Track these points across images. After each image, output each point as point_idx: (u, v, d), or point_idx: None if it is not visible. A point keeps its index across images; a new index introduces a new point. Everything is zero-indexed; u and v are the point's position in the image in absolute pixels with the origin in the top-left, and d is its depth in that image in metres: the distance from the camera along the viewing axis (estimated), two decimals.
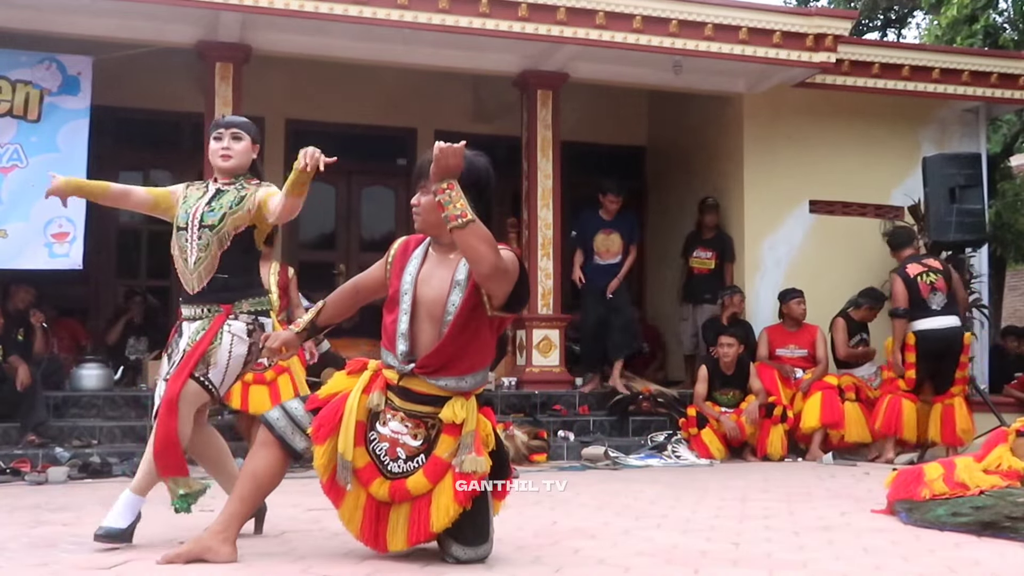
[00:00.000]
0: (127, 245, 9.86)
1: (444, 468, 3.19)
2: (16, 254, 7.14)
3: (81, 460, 6.22)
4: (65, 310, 8.72)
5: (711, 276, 8.95)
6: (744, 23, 7.96)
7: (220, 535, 3.24)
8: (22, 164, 7.22)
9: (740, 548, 3.66)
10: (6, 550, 3.51)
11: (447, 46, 7.91)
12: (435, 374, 3.24)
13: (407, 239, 3.52)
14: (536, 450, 6.95)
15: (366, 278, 3.58)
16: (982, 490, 4.28)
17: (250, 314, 3.67)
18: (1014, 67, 9.20)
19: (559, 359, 8.29)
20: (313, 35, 7.66)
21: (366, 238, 10.15)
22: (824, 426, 7.64)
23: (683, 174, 9.92)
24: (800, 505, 4.98)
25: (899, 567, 3.33)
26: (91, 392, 7.28)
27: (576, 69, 8.37)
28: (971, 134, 9.70)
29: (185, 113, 8.96)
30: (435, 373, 3.24)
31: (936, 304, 7.47)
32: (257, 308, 3.70)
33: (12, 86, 7.26)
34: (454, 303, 3.26)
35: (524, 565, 3.28)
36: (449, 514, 3.15)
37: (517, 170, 8.63)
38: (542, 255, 8.28)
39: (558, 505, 4.86)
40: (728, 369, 7.71)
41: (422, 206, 3.34)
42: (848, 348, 8.11)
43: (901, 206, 9.23)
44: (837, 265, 8.84)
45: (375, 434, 3.26)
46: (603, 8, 7.61)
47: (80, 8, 7.21)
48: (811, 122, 9.09)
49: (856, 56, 8.71)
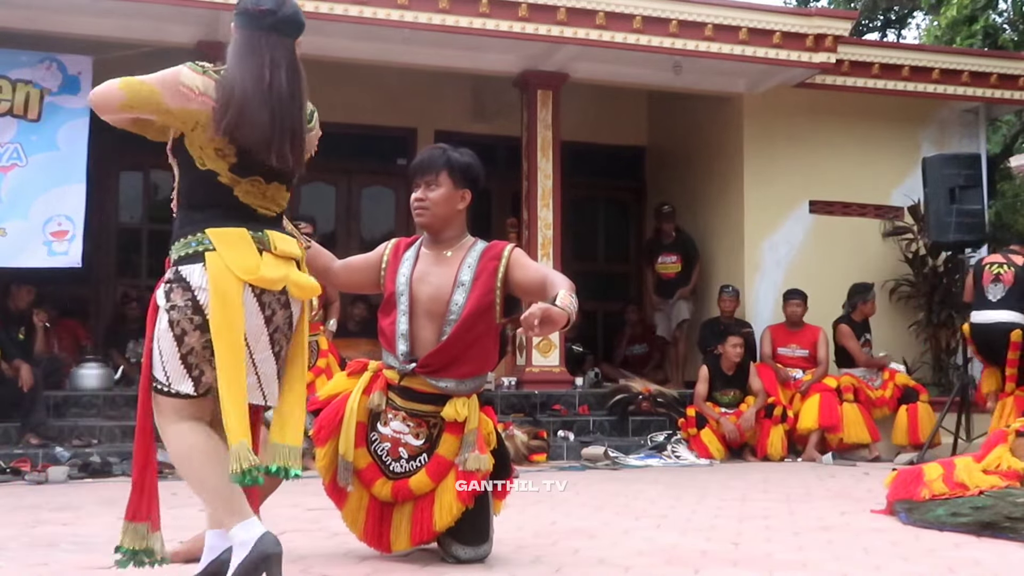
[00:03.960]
0: (127, 245, 9.86)
1: (447, 467, 3.20)
2: (15, 253, 7.13)
3: (81, 460, 6.23)
4: (65, 310, 8.72)
5: (679, 278, 9.15)
6: (744, 23, 7.96)
7: None
8: (22, 163, 7.22)
9: (740, 548, 3.66)
10: (6, 550, 3.51)
11: (447, 46, 7.91)
12: (436, 374, 3.24)
13: (397, 242, 3.50)
14: (536, 450, 6.96)
15: (358, 261, 3.53)
16: (982, 490, 4.28)
17: (173, 265, 2.64)
18: (1014, 67, 9.21)
19: (559, 359, 8.29)
20: (313, 35, 7.58)
21: (366, 238, 10.14)
22: (822, 428, 7.64)
23: (683, 174, 9.92)
24: (800, 505, 4.98)
25: (899, 567, 3.33)
26: (91, 392, 7.28)
27: (576, 69, 8.37)
28: (971, 134, 9.70)
29: None
30: (436, 373, 3.24)
31: (993, 295, 7.15)
32: (182, 252, 2.63)
33: (12, 86, 7.26)
34: (457, 303, 3.26)
35: (524, 565, 3.28)
36: (452, 513, 3.15)
37: (517, 170, 8.64)
38: (542, 255, 8.27)
39: (558, 505, 4.86)
40: (729, 369, 7.72)
41: (431, 200, 3.33)
42: (866, 356, 8.11)
43: (901, 206, 9.24)
44: (837, 265, 8.84)
45: (376, 435, 3.26)
46: (603, 8, 7.61)
47: (80, 8, 7.21)
48: (811, 122, 9.09)
49: (856, 56, 8.71)
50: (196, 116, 2.61)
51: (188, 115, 2.61)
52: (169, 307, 2.57)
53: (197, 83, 2.61)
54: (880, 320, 8.60)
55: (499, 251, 3.35)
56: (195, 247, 2.60)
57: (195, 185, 2.69)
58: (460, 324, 3.24)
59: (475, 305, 3.25)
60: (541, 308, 2.83)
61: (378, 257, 3.47)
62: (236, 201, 2.68)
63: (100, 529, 4.01)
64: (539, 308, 2.83)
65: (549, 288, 3.13)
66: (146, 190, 10.00)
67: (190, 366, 2.59)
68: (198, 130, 2.63)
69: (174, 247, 2.64)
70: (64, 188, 7.24)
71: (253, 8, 2.69)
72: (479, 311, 3.26)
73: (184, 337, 2.57)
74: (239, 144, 2.62)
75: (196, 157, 2.66)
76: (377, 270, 3.45)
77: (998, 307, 7.14)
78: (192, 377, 2.59)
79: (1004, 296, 7.11)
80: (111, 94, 2.63)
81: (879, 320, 8.56)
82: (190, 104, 2.60)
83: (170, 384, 2.60)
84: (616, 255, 10.90)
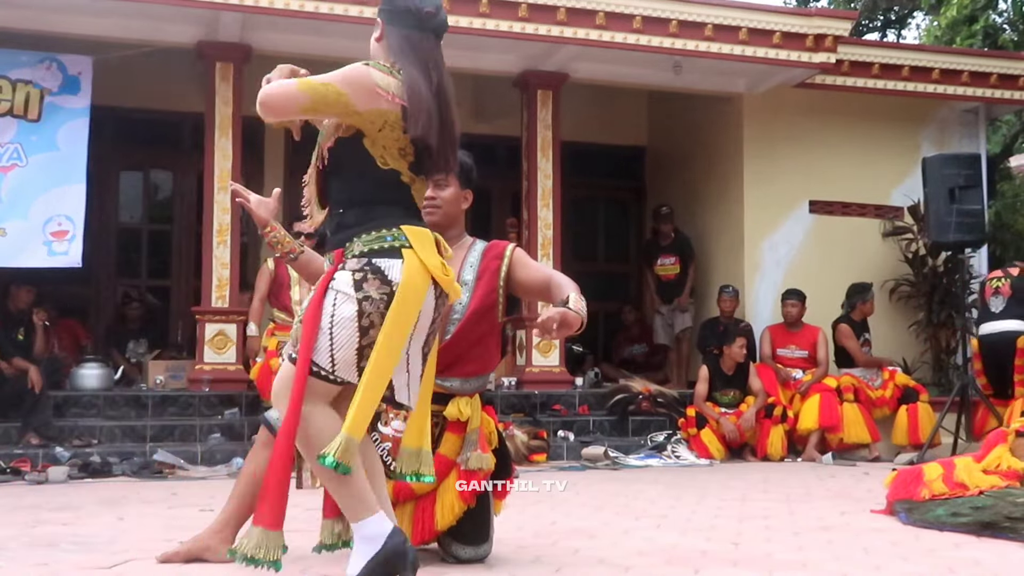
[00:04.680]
0: (127, 245, 9.86)
1: (448, 466, 3.20)
2: (15, 252, 7.14)
3: (81, 460, 6.23)
4: (65, 310, 8.72)
5: (678, 280, 9.16)
6: (744, 23, 7.97)
7: (219, 535, 3.24)
8: (22, 163, 7.23)
9: (740, 548, 3.66)
10: (6, 550, 3.51)
11: (447, 46, 7.77)
12: (440, 373, 3.24)
13: None
14: (536, 450, 6.96)
15: None
16: (982, 490, 4.27)
17: (361, 256, 2.61)
18: (1014, 67, 9.21)
19: (559, 359, 8.29)
20: (313, 35, 7.66)
21: None
22: (822, 428, 7.65)
23: (683, 174, 9.92)
24: (800, 505, 4.98)
25: (899, 567, 3.33)
26: (91, 392, 7.28)
27: (576, 69, 8.37)
28: (971, 134, 9.71)
29: (185, 113, 8.96)
30: (441, 372, 3.24)
31: (995, 307, 7.45)
32: (375, 245, 2.61)
33: (12, 86, 7.27)
34: (461, 302, 3.27)
35: (524, 565, 3.28)
36: (455, 511, 3.16)
37: (517, 170, 8.64)
38: (542, 255, 8.27)
39: (558, 505, 4.86)
40: (729, 369, 7.72)
41: (442, 199, 3.34)
42: (865, 355, 8.12)
43: (901, 206, 9.24)
44: (837, 265, 8.84)
45: (376, 435, 3.25)
46: (603, 8, 7.61)
47: (80, 8, 7.21)
48: (811, 122, 9.09)
49: (856, 56, 8.72)
50: (385, 116, 2.60)
51: (378, 115, 2.60)
52: (362, 297, 2.53)
53: (390, 85, 2.60)
54: (880, 320, 8.60)
55: (501, 250, 3.37)
56: (391, 242, 2.59)
57: (376, 183, 2.66)
58: (464, 323, 3.25)
59: (479, 304, 3.27)
60: (559, 312, 2.83)
61: None
62: (411, 200, 2.71)
63: (100, 529, 4.02)
64: (557, 313, 2.83)
65: (555, 289, 3.12)
66: (146, 190, 10.00)
67: (362, 357, 2.55)
68: (385, 130, 2.62)
69: (361, 239, 2.60)
70: (64, 188, 7.25)
71: (418, 9, 2.71)
72: (483, 310, 3.28)
73: (370, 330, 2.53)
74: (422, 145, 2.64)
75: (378, 156, 2.64)
76: None
77: (1000, 317, 7.41)
78: (359, 368, 2.55)
79: (1005, 307, 7.41)
80: (291, 96, 2.58)
81: (879, 320, 8.56)
82: (381, 104, 2.59)
83: (335, 372, 2.56)
84: (616, 255, 10.90)
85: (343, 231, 2.65)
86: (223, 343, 7.46)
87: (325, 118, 2.67)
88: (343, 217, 2.67)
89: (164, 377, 7.69)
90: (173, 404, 7.26)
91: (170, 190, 9.96)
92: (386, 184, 2.65)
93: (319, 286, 2.62)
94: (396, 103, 2.59)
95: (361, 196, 2.66)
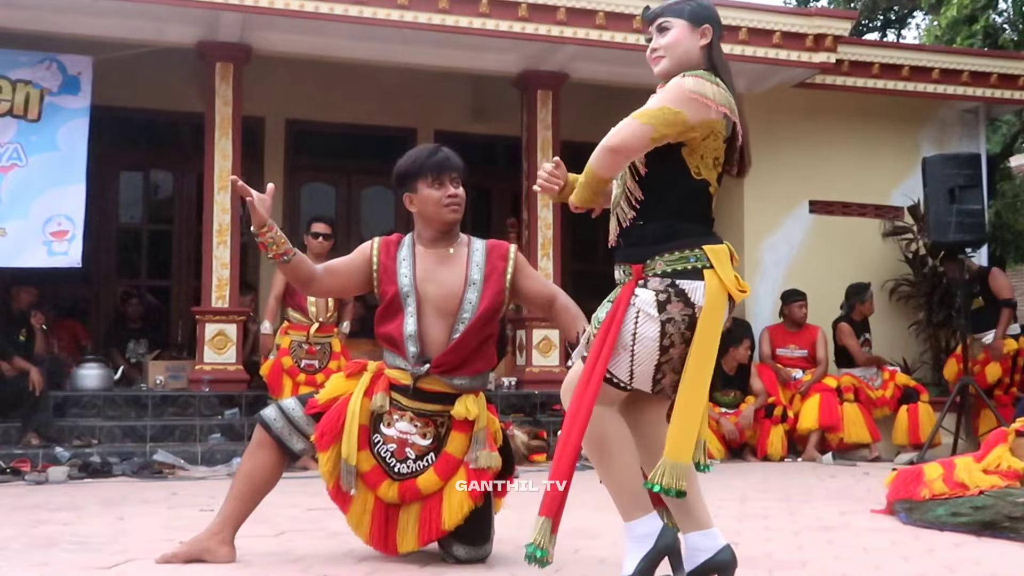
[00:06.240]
0: (127, 245, 9.86)
1: (456, 465, 3.21)
2: (15, 253, 7.14)
3: (81, 460, 6.23)
4: (65, 310, 8.73)
5: None
6: (744, 23, 7.96)
7: (217, 535, 3.23)
8: (22, 163, 7.22)
9: (740, 548, 3.64)
10: (6, 550, 3.50)
11: (447, 46, 7.91)
12: (451, 372, 3.25)
13: (383, 241, 3.48)
14: (536, 450, 6.96)
15: (341, 264, 3.46)
16: (982, 490, 4.28)
17: (664, 276, 2.67)
18: (1014, 67, 9.20)
19: (559, 359, 8.28)
20: (313, 35, 7.66)
21: (366, 237, 10.06)
22: (822, 428, 7.65)
23: None
24: (800, 505, 4.98)
25: (899, 567, 3.33)
26: (91, 392, 7.27)
27: (576, 69, 8.36)
28: (971, 134, 9.70)
29: (185, 113, 8.96)
30: (451, 372, 3.25)
31: None
32: (679, 266, 2.66)
33: (12, 86, 7.27)
34: (471, 302, 3.28)
35: (524, 565, 3.26)
36: (462, 511, 3.16)
37: (517, 170, 8.64)
38: (542, 255, 8.27)
39: None
40: (731, 370, 7.72)
41: (462, 197, 3.39)
42: (865, 354, 8.12)
43: (901, 206, 9.24)
44: (837, 265, 8.84)
45: (379, 436, 3.24)
46: (603, 8, 7.61)
47: (80, 8, 7.21)
48: (811, 122, 9.08)
49: (856, 56, 8.71)
50: (712, 126, 2.67)
51: (706, 126, 2.66)
52: (665, 319, 2.62)
53: (719, 96, 2.65)
54: (880, 320, 8.60)
55: (504, 251, 3.41)
56: (694, 263, 2.65)
57: (686, 195, 2.71)
58: (474, 322, 3.27)
59: (489, 304, 3.30)
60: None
61: (364, 258, 3.43)
62: (711, 213, 2.78)
63: (100, 529, 4.01)
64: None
65: (562, 312, 3.37)
66: (146, 190, 10.01)
67: (660, 372, 2.67)
68: (710, 139, 2.69)
69: (663, 259, 2.66)
70: (64, 188, 7.24)
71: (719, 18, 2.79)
72: (492, 310, 3.31)
73: (671, 349, 2.64)
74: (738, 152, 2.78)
75: (693, 167, 2.70)
76: (366, 271, 3.41)
77: None
78: (654, 380, 2.68)
79: None
80: (638, 134, 2.61)
81: (879, 320, 8.56)
82: (710, 115, 2.64)
83: (632, 384, 2.68)
84: None
85: (644, 246, 2.70)
86: (223, 343, 7.46)
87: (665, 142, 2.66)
88: (644, 229, 2.71)
89: (164, 377, 7.69)
90: (173, 404, 7.26)
91: (170, 190, 9.97)
92: (695, 195, 2.71)
93: (619, 299, 2.68)
94: (720, 111, 2.66)
95: (667, 209, 2.70)
